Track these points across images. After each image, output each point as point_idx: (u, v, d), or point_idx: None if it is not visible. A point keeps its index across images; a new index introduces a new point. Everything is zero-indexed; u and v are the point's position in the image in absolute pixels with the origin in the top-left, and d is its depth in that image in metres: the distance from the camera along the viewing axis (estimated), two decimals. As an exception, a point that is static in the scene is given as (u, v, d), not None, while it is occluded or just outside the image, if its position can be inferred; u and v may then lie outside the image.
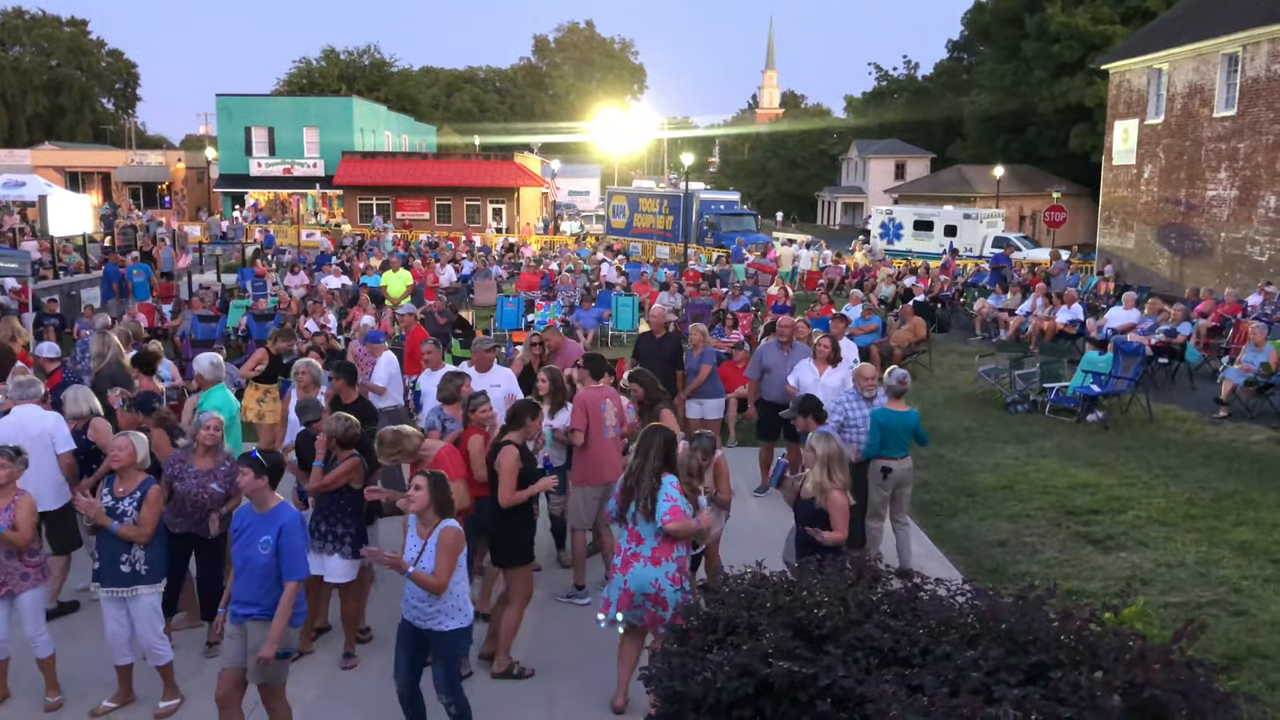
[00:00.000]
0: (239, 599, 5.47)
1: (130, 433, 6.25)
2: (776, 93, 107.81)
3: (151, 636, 6.05)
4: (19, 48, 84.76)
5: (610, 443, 8.02)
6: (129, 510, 5.92)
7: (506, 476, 6.43)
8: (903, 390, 8.34)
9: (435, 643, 5.51)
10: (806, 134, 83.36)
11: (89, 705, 6.21)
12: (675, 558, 5.99)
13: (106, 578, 5.96)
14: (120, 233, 37.64)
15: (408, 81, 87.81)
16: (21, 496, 6.07)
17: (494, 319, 20.88)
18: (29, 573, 6.11)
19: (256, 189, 54.27)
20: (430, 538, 5.39)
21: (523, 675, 6.67)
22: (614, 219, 43.62)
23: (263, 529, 5.41)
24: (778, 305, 19.74)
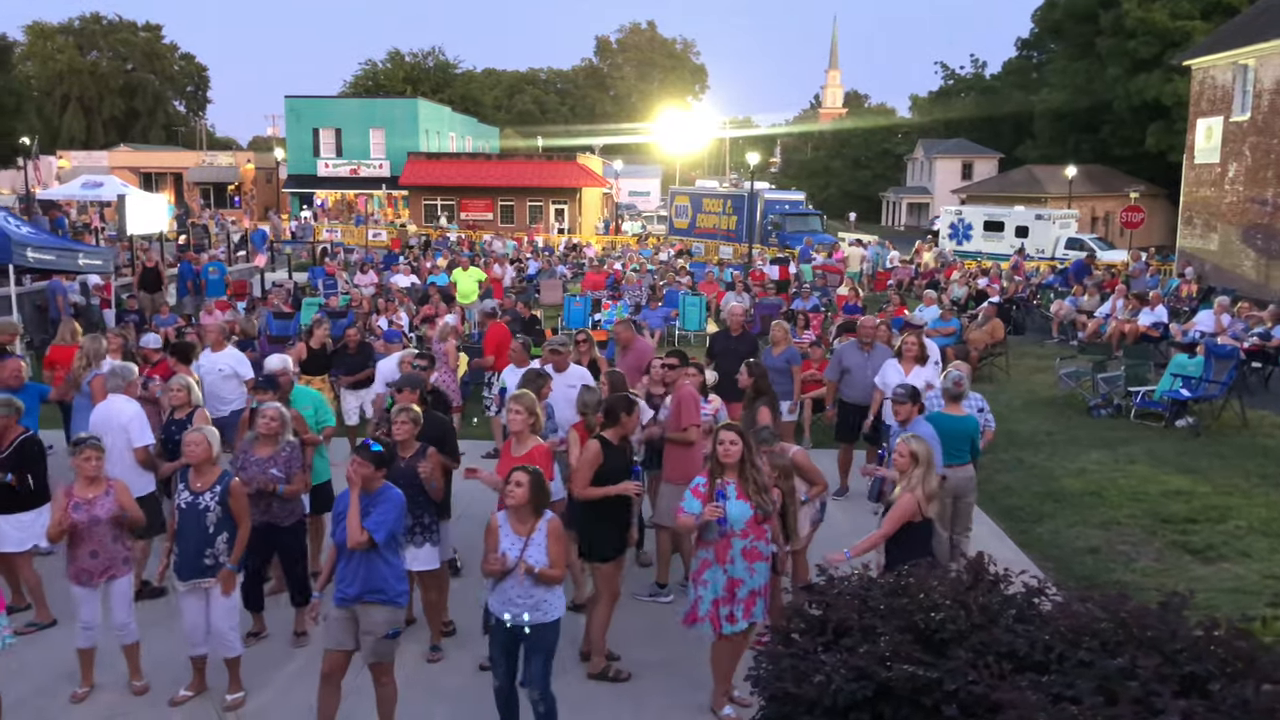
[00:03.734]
0: (341, 578, 5.48)
1: (204, 427, 6.30)
2: (840, 92, 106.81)
3: (226, 628, 6.10)
4: (97, 53, 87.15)
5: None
6: (210, 504, 5.97)
7: (582, 469, 6.38)
8: (960, 394, 8.07)
9: (535, 635, 5.44)
10: (871, 133, 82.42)
11: (161, 692, 6.29)
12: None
13: (187, 570, 6.01)
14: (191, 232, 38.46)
15: (471, 83, 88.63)
16: (116, 482, 6.17)
17: (561, 318, 20.91)
18: (127, 556, 6.21)
19: (324, 189, 55.11)
20: (534, 533, 5.37)
21: (619, 678, 6.58)
22: (676, 219, 43.48)
23: (370, 506, 5.44)
24: (849, 306, 19.46)
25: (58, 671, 6.53)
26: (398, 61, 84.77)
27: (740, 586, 5.92)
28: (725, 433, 5.99)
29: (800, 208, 40.41)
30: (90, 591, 6.12)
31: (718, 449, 5.94)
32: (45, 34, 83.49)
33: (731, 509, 5.87)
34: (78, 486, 6.08)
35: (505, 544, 5.45)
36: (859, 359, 10.49)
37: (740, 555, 5.90)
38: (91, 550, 6.04)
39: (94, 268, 16.47)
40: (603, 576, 6.56)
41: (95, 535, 6.02)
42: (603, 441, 6.50)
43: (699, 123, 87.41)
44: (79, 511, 5.98)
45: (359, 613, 5.48)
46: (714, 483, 5.97)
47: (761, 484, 6.01)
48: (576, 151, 58.71)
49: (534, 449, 6.55)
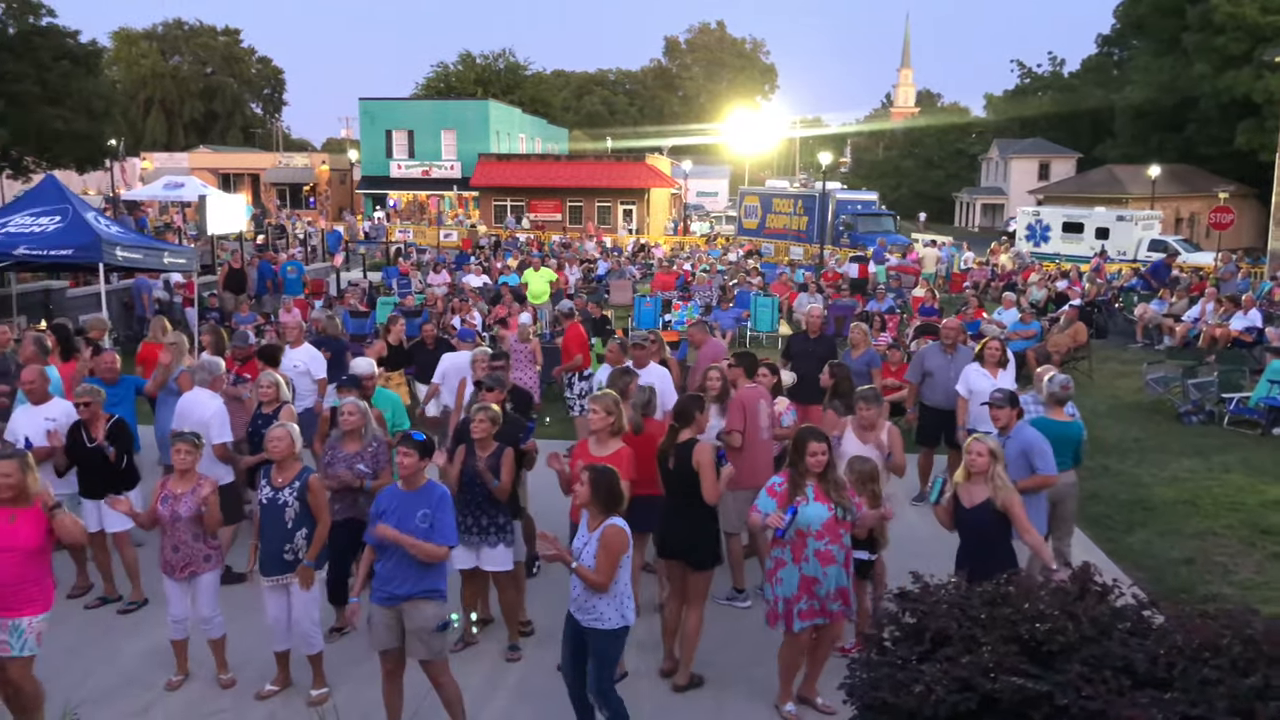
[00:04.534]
0: (390, 578, 5.47)
1: (287, 424, 6.37)
2: (912, 91, 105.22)
3: (307, 624, 6.15)
4: (179, 57, 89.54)
5: (765, 444, 7.78)
6: (290, 500, 6.03)
7: (709, 471, 6.27)
8: (1065, 398, 7.85)
9: (590, 640, 5.41)
10: (944, 133, 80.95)
11: (248, 686, 6.37)
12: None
13: (269, 566, 6.08)
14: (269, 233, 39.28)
15: (541, 84, 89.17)
16: (204, 479, 6.26)
17: (631, 319, 20.86)
18: (210, 554, 6.29)
19: (396, 190, 55.93)
20: (594, 534, 5.33)
21: (692, 683, 6.49)
22: (746, 219, 43.22)
23: (417, 504, 5.48)
24: (925, 308, 19.10)
25: (149, 660, 6.67)
26: (469, 63, 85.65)
27: (816, 585, 5.84)
28: (815, 443, 5.88)
29: (873, 208, 39.87)
30: (176, 584, 6.24)
31: (809, 460, 5.83)
32: (131, 40, 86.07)
33: (809, 511, 5.78)
34: (172, 479, 6.20)
35: (577, 538, 5.46)
36: (941, 361, 10.26)
37: (814, 556, 5.83)
38: (174, 545, 6.16)
39: (178, 266, 16.88)
40: (702, 582, 6.45)
41: (177, 531, 6.13)
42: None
43: (768, 123, 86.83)
44: (165, 505, 6.10)
45: (406, 611, 5.48)
46: (797, 484, 5.87)
47: (840, 484, 5.92)
48: (646, 152, 58.72)
49: (619, 451, 6.48)
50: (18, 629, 5.30)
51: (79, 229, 13.88)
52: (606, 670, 5.46)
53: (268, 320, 17.86)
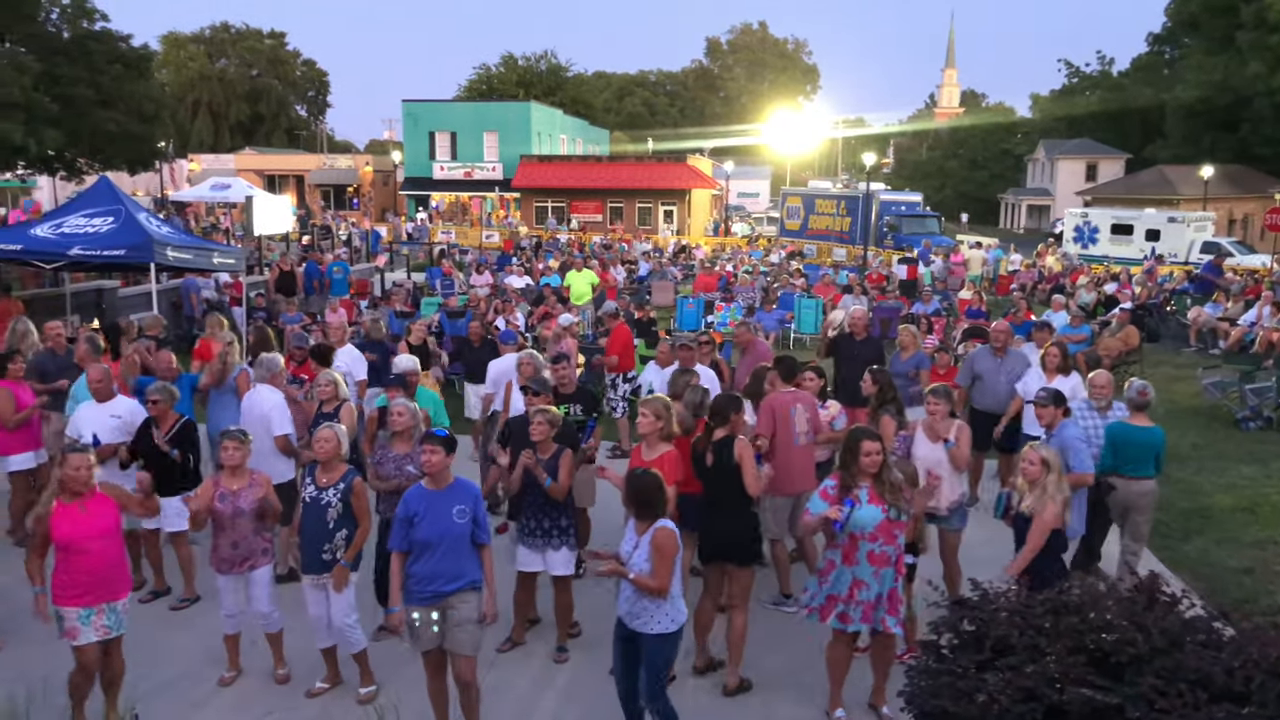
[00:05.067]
0: (433, 577, 5.45)
1: (335, 424, 6.40)
2: (956, 91, 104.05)
3: (345, 624, 6.17)
4: (225, 60, 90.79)
5: (800, 450, 7.66)
6: (333, 500, 6.05)
7: (750, 465, 6.26)
8: (1144, 403, 7.70)
9: (643, 644, 5.37)
10: (989, 133, 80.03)
11: (300, 682, 6.43)
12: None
13: (308, 564, 6.12)
14: (314, 233, 39.74)
15: (582, 86, 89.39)
16: (258, 474, 6.32)
17: (673, 320, 20.82)
18: (266, 548, 6.35)
19: (439, 191, 56.34)
20: (644, 537, 5.28)
21: (741, 687, 6.44)
22: (788, 220, 42.98)
23: (452, 501, 5.49)
24: (972, 310, 18.84)
25: (201, 656, 6.74)
26: (511, 65, 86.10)
27: (862, 589, 5.76)
28: (869, 443, 5.80)
29: (917, 209, 39.46)
30: (231, 580, 6.29)
31: (863, 460, 5.76)
32: (179, 43, 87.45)
33: (862, 513, 5.71)
34: (224, 477, 6.25)
35: (625, 542, 5.42)
36: (991, 365, 10.10)
37: (866, 559, 5.75)
38: (233, 541, 6.21)
39: (226, 266, 17.07)
40: (749, 579, 6.41)
41: (238, 526, 6.18)
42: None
43: (810, 123, 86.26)
44: (224, 502, 6.15)
45: (454, 604, 5.47)
46: (848, 485, 5.79)
47: (896, 485, 5.82)
48: (687, 154, 58.66)
49: (664, 454, 6.45)
50: (114, 611, 5.58)
51: (131, 229, 14.07)
52: (659, 675, 5.42)
53: (314, 320, 18.01)
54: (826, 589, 5.87)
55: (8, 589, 7.39)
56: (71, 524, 5.43)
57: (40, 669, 6.29)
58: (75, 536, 5.42)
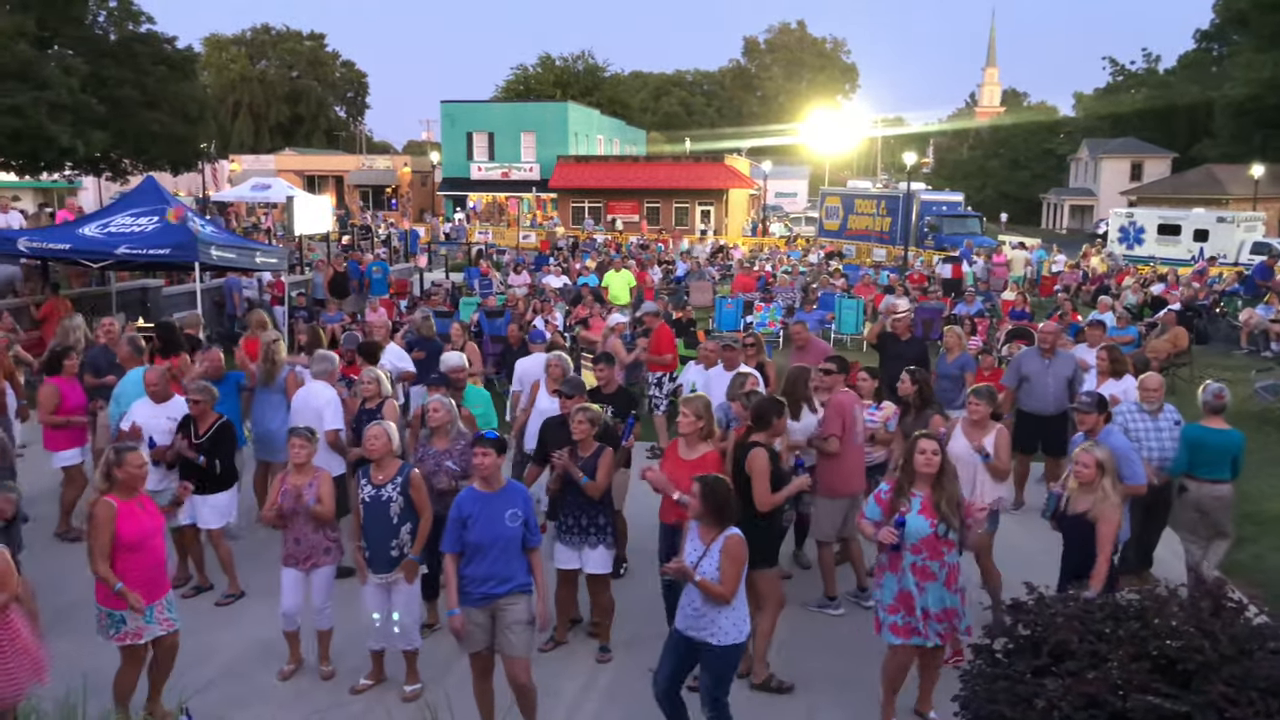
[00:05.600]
0: (485, 579, 5.43)
1: (384, 421, 6.40)
2: (997, 90, 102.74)
3: (408, 621, 6.17)
4: (265, 62, 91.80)
5: (859, 452, 7.61)
6: (393, 496, 6.04)
7: (760, 479, 6.13)
8: (1220, 406, 7.56)
9: (707, 656, 5.28)
10: (1031, 132, 79.07)
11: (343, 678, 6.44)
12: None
13: (376, 564, 6.10)
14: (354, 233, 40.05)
15: (619, 86, 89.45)
16: (321, 473, 6.35)
17: (712, 320, 20.71)
18: (330, 547, 6.38)
19: (476, 192, 56.60)
20: (713, 544, 5.19)
21: (782, 689, 6.38)
22: (827, 220, 42.73)
23: (505, 504, 5.45)
24: (1016, 311, 18.58)
25: (248, 651, 6.78)
26: (548, 65, 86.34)
27: (914, 601, 5.62)
28: (927, 442, 5.68)
29: (958, 209, 39.07)
30: (294, 575, 6.34)
31: (917, 458, 5.64)
32: (220, 45, 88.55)
33: (910, 523, 5.58)
34: (290, 474, 6.31)
35: (689, 549, 5.33)
36: (1039, 366, 9.93)
37: (909, 570, 5.60)
38: (295, 537, 6.28)
39: (269, 266, 17.25)
40: (765, 583, 6.34)
41: (299, 523, 6.24)
42: (765, 448, 6.29)
43: (848, 123, 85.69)
44: (286, 498, 6.21)
45: (502, 607, 5.45)
46: (902, 491, 5.67)
47: (955, 499, 5.64)
48: (725, 154, 58.51)
49: (707, 454, 6.39)
50: (170, 603, 5.66)
51: (177, 229, 14.25)
52: (723, 686, 5.33)
53: (354, 319, 18.13)
54: (879, 598, 5.77)
55: (54, 584, 7.45)
56: (136, 522, 5.50)
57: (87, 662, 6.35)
58: (140, 534, 5.49)
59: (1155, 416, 7.77)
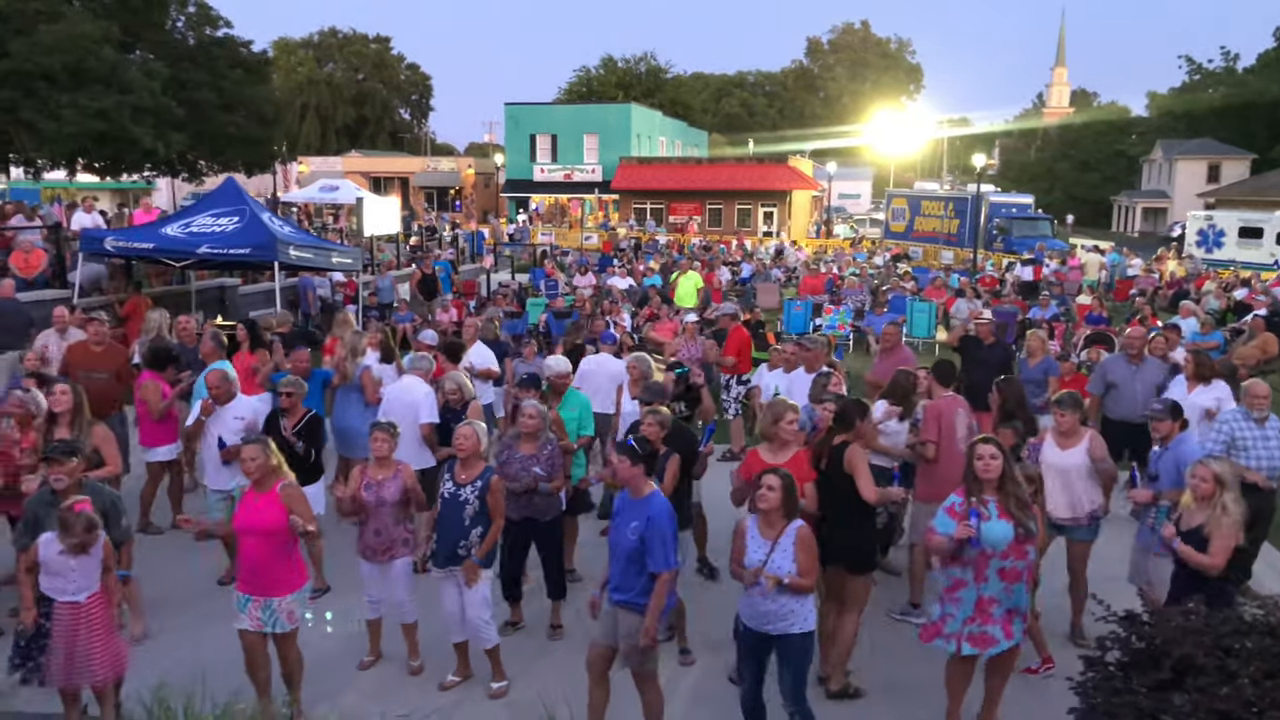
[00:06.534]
0: (611, 582, 5.50)
1: (475, 422, 6.44)
2: (1066, 90, 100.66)
3: (479, 620, 6.20)
4: (332, 64, 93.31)
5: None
6: (470, 498, 6.08)
7: (864, 474, 6.09)
8: None
9: (784, 647, 5.27)
10: (1101, 133, 77.26)
11: (433, 674, 6.48)
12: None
13: (442, 558, 6.16)
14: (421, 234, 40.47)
15: (681, 87, 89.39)
16: (403, 466, 6.41)
17: (779, 322, 20.55)
18: (407, 539, 6.43)
19: (539, 194, 56.95)
20: (782, 538, 5.19)
21: (857, 695, 6.30)
22: (893, 222, 42.25)
23: (633, 515, 5.41)
24: (1092, 316, 18.18)
25: (336, 647, 6.84)
26: (610, 67, 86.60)
27: (995, 606, 5.50)
28: (983, 447, 5.57)
29: (1028, 211, 38.33)
30: (374, 567, 6.41)
31: (976, 464, 5.54)
32: (289, 49, 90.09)
33: (993, 529, 5.44)
34: (371, 467, 6.37)
35: (751, 548, 5.31)
36: (1126, 373, 9.66)
37: (996, 575, 5.48)
38: (376, 529, 6.33)
39: (344, 266, 17.51)
40: (858, 587, 6.27)
41: (380, 516, 6.29)
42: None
43: (913, 124, 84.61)
44: (369, 491, 6.28)
45: (619, 615, 5.46)
46: (970, 500, 5.55)
47: (1024, 500, 5.55)
48: (788, 155, 58.15)
49: (797, 455, 6.34)
50: (268, 608, 5.61)
51: (256, 229, 14.52)
52: (803, 675, 5.33)
53: (424, 320, 18.33)
54: (958, 612, 5.57)
55: (154, 575, 7.59)
56: (244, 512, 5.61)
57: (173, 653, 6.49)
58: (240, 525, 5.61)
59: (1262, 425, 7.51)
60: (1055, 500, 6.93)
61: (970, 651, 5.55)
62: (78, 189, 34.61)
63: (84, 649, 5.19)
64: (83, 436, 6.87)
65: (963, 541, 5.47)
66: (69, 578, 5.20)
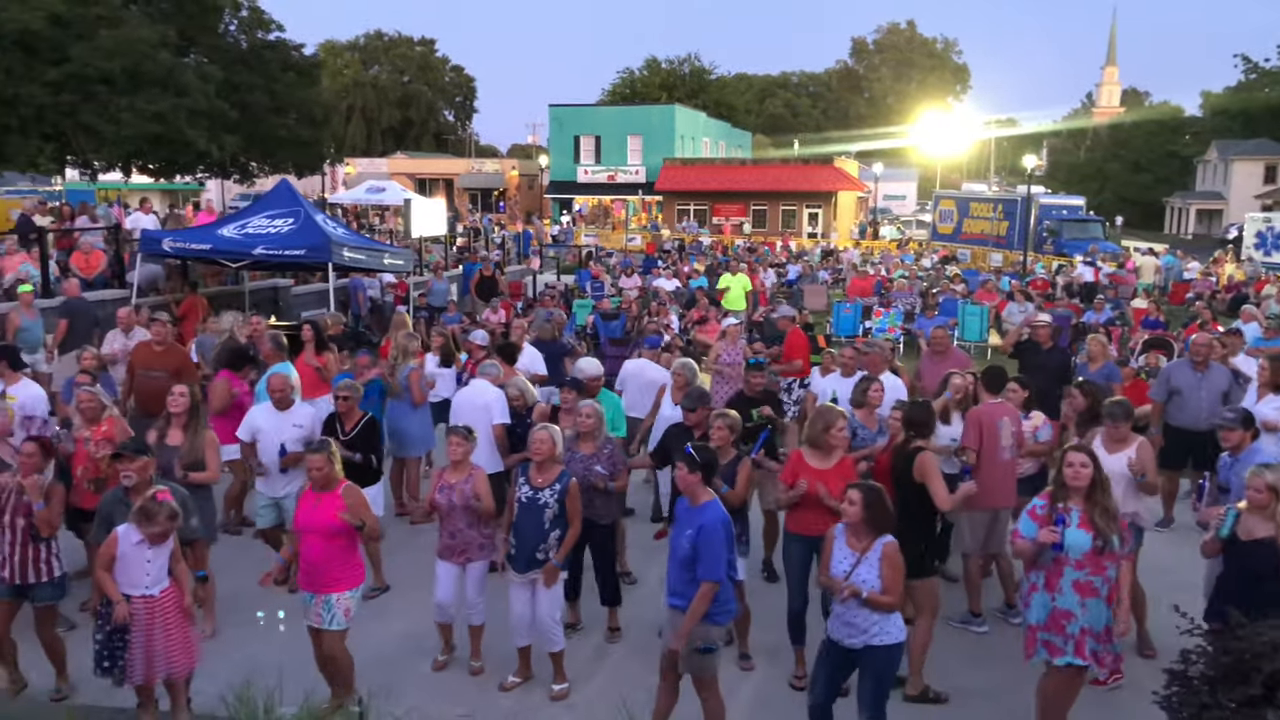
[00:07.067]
0: (670, 587, 5.51)
1: (550, 425, 6.44)
2: (1117, 90, 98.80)
3: (549, 622, 6.21)
4: (378, 67, 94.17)
5: (1004, 464, 7.34)
6: (549, 501, 6.09)
7: (937, 480, 6.04)
8: None
9: (869, 659, 5.21)
10: (1154, 133, 75.80)
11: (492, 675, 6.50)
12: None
13: (521, 563, 6.16)
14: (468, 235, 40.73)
15: (725, 88, 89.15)
16: (477, 470, 6.44)
17: (829, 325, 20.41)
18: (484, 543, 6.47)
19: (582, 195, 57.10)
20: (869, 552, 5.14)
21: (939, 700, 6.23)
22: (940, 224, 41.80)
23: (688, 522, 5.41)
24: (1149, 320, 17.84)
25: (396, 643, 6.91)
26: (654, 68, 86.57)
27: (1070, 621, 5.36)
28: (1075, 455, 5.48)
29: (1079, 213, 37.74)
30: (449, 568, 6.44)
31: (1065, 471, 5.44)
32: (335, 51, 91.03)
33: (1070, 537, 5.34)
34: (447, 470, 6.44)
35: (837, 558, 5.27)
36: (1191, 380, 9.43)
37: (1071, 587, 5.35)
38: (451, 532, 6.39)
39: (396, 267, 17.67)
40: (926, 592, 6.21)
41: (453, 518, 6.35)
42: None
43: (959, 124, 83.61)
44: (442, 494, 6.34)
45: (674, 620, 5.45)
46: (1055, 506, 5.46)
47: (1111, 512, 5.42)
48: (834, 156, 57.79)
49: (844, 461, 6.31)
50: (328, 604, 5.68)
51: (310, 230, 14.69)
52: (885, 689, 5.27)
53: (472, 320, 18.43)
54: (1029, 618, 5.53)
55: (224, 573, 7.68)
56: (303, 513, 5.72)
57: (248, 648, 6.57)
58: (299, 524, 5.73)
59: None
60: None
61: (1045, 657, 5.43)
62: (131, 190, 35.32)
63: (161, 642, 5.29)
64: (196, 439, 6.97)
65: (1046, 546, 5.39)
66: (144, 570, 5.29)
